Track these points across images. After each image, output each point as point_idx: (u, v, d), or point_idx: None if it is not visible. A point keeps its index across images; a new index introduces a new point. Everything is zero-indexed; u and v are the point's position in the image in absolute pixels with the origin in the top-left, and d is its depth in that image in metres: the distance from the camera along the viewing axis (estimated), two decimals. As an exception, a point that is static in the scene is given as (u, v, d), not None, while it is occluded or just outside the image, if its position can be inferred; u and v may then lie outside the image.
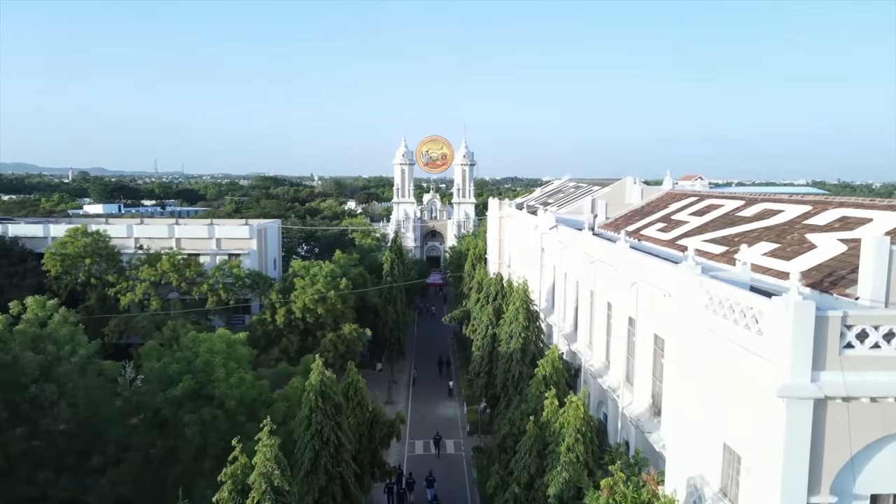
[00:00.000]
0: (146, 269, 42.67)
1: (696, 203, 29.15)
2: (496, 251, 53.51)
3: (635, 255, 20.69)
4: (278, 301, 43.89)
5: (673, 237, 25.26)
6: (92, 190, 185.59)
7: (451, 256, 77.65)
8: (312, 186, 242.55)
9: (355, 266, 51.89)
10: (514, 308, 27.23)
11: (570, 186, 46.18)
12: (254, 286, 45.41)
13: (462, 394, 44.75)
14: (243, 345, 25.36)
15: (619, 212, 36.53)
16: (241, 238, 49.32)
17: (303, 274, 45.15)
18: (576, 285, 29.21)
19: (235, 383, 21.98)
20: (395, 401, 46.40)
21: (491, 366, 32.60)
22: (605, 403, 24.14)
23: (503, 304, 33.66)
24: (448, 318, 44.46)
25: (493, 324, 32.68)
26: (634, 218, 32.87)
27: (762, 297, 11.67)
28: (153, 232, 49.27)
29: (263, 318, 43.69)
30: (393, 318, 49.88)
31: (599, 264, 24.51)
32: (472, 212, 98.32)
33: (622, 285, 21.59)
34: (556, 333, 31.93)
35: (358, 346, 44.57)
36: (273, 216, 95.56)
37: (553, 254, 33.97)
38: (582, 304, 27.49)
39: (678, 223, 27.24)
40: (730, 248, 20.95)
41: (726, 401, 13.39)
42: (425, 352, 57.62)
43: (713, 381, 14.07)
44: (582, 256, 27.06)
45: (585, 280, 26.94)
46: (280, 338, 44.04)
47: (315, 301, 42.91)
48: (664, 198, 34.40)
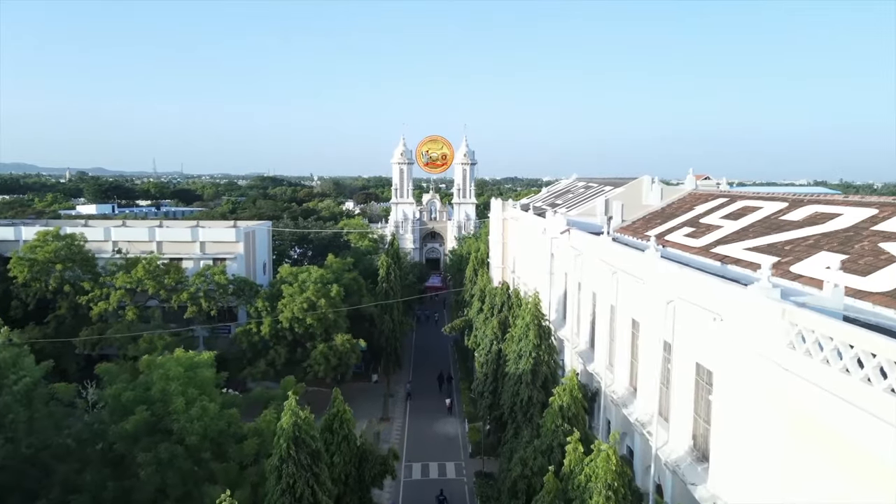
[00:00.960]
0: (121, 275, 39.42)
1: (728, 205, 25.90)
2: (499, 255, 50.20)
3: (671, 267, 17.43)
4: (264, 309, 40.66)
5: (705, 244, 22.00)
6: (86, 190, 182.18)
7: (452, 260, 74.26)
8: (311, 187, 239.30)
9: (349, 271, 48.62)
10: (524, 324, 23.99)
11: (580, 186, 42.90)
12: (239, 293, 42.17)
13: (463, 409, 41.50)
14: (209, 366, 22.01)
15: (635, 214, 33.28)
16: (227, 241, 46.07)
17: (291, 280, 41.91)
18: (592, 297, 25.95)
19: (197, 415, 18.69)
20: (391, 416, 43.17)
21: (496, 385, 29.33)
22: (629, 437, 20.88)
23: (509, 316, 30.39)
24: (448, 328, 41.19)
25: (498, 338, 29.42)
26: (655, 221, 29.62)
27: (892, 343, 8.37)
28: (133, 235, 46.02)
29: (249, 329, 40.45)
30: (389, 328, 46.62)
31: (623, 275, 21.25)
32: (472, 212, 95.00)
33: (654, 302, 18.34)
34: (568, 350, 28.69)
35: (351, 359, 41.36)
36: (268, 217, 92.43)
37: (564, 260, 30.72)
38: (601, 320, 24.24)
39: (709, 228, 23.99)
40: (781, 259, 17.70)
41: (811, 461, 10.17)
42: (424, 362, 54.30)
43: (791, 434, 10.84)
44: (600, 265, 23.79)
45: (605, 292, 23.68)
46: (267, 350, 40.83)
47: (304, 310, 39.68)
48: (687, 199, 31.16)
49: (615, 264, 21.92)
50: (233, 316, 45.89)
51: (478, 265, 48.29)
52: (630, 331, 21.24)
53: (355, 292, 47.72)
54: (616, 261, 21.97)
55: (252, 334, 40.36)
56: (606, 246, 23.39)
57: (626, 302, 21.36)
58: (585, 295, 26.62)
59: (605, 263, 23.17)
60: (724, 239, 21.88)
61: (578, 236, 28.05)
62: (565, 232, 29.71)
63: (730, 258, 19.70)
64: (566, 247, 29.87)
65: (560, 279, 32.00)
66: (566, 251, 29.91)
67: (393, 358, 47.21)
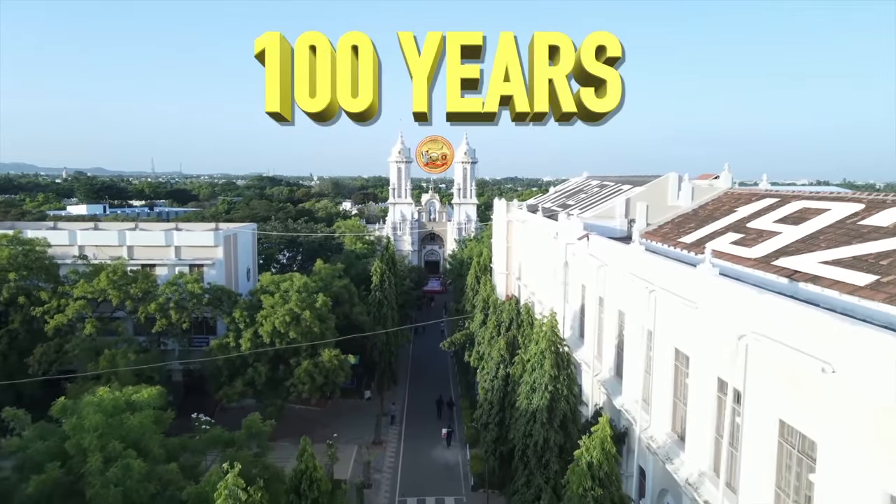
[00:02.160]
0: (81, 284, 35.25)
1: (780, 206, 21.72)
2: (503, 261, 45.99)
3: (742, 290, 13.24)
4: (243, 321, 36.46)
5: (763, 255, 17.84)
6: (77, 190, 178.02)
7: (452, 265, 69.93)
8: (309, 187, 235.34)
9: (340, 277, 44.45)
10: (538, 350, 19.84)
11: (594, 185, 38.73)
12: (215, 303, 37.99)
13: (464, 432, 37.29)
14: (152, 406, 17.77)
15: (661, 216, 29.14)
16: (205, 246, 41.89)
17: (272, 290, 37.74)
18: (619, 317, 21.80)
19: (115, 477, 14.42)
20: (384, 440, 38.98)
21: (502, 415, 25.21)
22: (673, 497, 16.72)
23: (518, 335, 26.24)
24: (448, 343, 36.95)
25: (505, 361, 25.26)
26: (688, 225, 25.46)
27: None
28: (101, 239, 41.84)
29: (225, 343, 36.26)
30: (383, 340, 42.42)
31: (664, 295, 17.09)
32: (473, 213, 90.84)
33: (712, 334, 14.21)
34: (587, 376, 24.50)
35: (339, 377, 37.14)
36: (261, 218, 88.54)
37: (582, 270, 26.57)
38: (632, 346, 20.08)
39: (761, 234, 19.82)
40: (881, 279, 13.57)
41: None
42: (422, 377, 50.10)
43: None
44: (630, 280, 19.63)
45: (637, 313, 19.53)
46: (246, 367, 36.67)
47: (286, 323, 35.49)
48: (724, 199, 26.99)
49: (653, 280, 17.75)
50: (212, 329, 41.74)
51: (480, 272, 44.12)
52: (673, 364, 17.09)
53: (346, 301, 43.56)
54: (654, 276, 17.80)
55: (229, 349, 36.19)
56: (639, 257, 19.22)
57: (669, 328, 17.20)
58: (610, 313, 22.45)
59: (637, 278, 19.01)
60: (788, 249, 17.72)
61: (600, 244, 23.89)
62: (583, 238, 25.55)
63: (802, 274, 15.53)
64: (584, 255, 25.71)
65: (576, 291, 27.83)
66: (584, 260, 25.76)
67: (387, 373, 43.02)
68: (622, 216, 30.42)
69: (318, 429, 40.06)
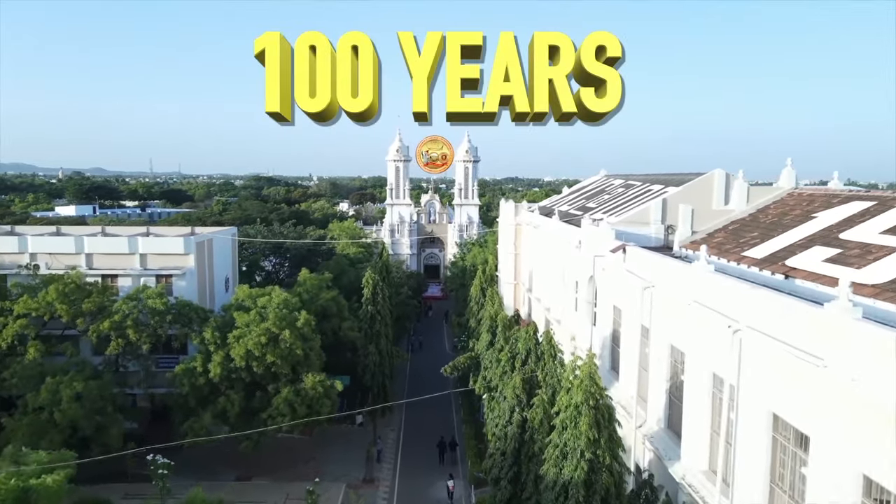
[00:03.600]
0: (24, 299, 30.36)
1: (881, 211, 16.81)
2: (511, 270, 41.12)
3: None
4: (213, 342, 31.53)
5: (888, 282, 12.96)
6: (67, 190, 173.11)
7: (453, 273, 64.86)
8: (307, 187, 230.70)
9: (328, 288, 39.48)
10: (571, 404, 14.93)
11: (617, 185, 33.79)
12: (182, 321, 33.06)
13: (469, 469, 32.31)
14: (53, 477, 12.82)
15: (707, 223, 24.26)
16: (174, 254, 36.95)
17: (249, 305, 32.83)
18: (674, 355, 16.86)
19: None
20: (376, 477, 34.06)
21: (518, 469, 20.26)
22: None
23: (538, 371, 21.30)
24: (449, 368, 31.95)
25: (521, 403, 20.31)
26: (748, 235, 20.52)
27: None
28: (55, 246, 36.88)
29: (192, 368, 31.31)
30: (376, 361, 37.46)
31: (758, 340, 12.13)
32: (476, 215, 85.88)
33: (849, 407, 9.27)
34: (625, 425, 19.49)
35: (324, 406, 32.15)
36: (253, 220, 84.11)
37: (615, 289, 21.66)
38: (697, 398, 15.11)
39: (868, 250, 14.90)
40: None
41: None
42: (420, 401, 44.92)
43: None
44: (696, 312, 14.68)
45: (708, 358, 14.56)
46: (216, 395, 31.76)
47: (262, 345, 30.58)
48: (790, 201, 22.06)
49: (737, 317, 12.80)
50: (182, 347, 36.75)
51: (486, 283, 39.16)
52: (771, 436, 12.15)
53: (335, 315, 38.60)
54: (739, 311, 12.84)
55: (196, 375, 31.26)
56: (711, 281, 14.27)
57: (765, 385, 12.24)
58: (660, 349, 17.49)
59: (708, 310, 14.06)
60: (922, 272, 12.83)
61: (643, 258, 18.95)
62: (618, 250, 20.61)
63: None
64: (618, 271, 20.76)
65: (606, 314, 22.88)
66: (618, 277, 20.82)
67: (381, 398, 38.05)
68: (658, 221, 25.48)
69: (300, 464, 35.13)
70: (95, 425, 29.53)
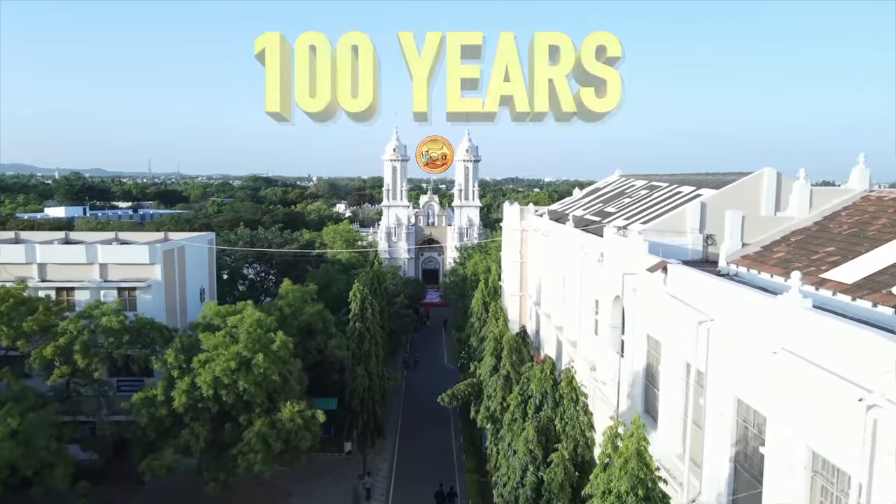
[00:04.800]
0: (-46, 319, 26.32)
1: None
2: (516, 280, 36.96)
3: None
4: (176, 367, 27.44)
5: None
6: (56, 191, 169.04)
7: (452, 281, 60.63)
8: (305, 187, 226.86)
9: (313, 301, 35.39)
10: (612, 493, 10.80)
11: (639, 187, 29.66)
12: (142, 341, 28.99)
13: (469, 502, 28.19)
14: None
15: (756, 233, 20.15)
16: (138, 264, 32.82)
17: (218, 324, 28.76)
18: (744, 413, 12.72)
19: None
20: (365, 518, 30.02)
21: (531, 541, 16.14)
22: None
23: (555, 416, 17.16)
24: (448, 396, 27.80)
25: (536, 461, 16.19)
26: (821, 250, 16.36)
27: None
28: (5, 256, 32.73)
29: (152, 397, 27.24)
30: (365, 385, 33.32)
31: None
32: (476, 217, 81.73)
33: None
34: (671, 495, 15.30)
35: (304, 439, 28.06)
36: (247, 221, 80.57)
37: (651, 316, 17.54)
38: (782, 474, 10.95)
39: None
40: None
41: None
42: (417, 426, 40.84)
43: None
44: (782, 362, 10.55)
45: (807, 428, 10.40)
46: (180, 427, 27.70)
47: (233, 371, 26.51)
48: (866, 207, 17.91)
49: (865, 381, 8.68)
50: (148, 371, 32.57)
51: (488, 297, 35.01)
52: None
53: (320, 331, 34.54)
54: (865, 373, 8.72)
55: (157, 404, 27.18)
56: (811, 323, 10.13)
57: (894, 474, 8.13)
58: (722, 402, 13.32)
59: (805, 363, 9.94)
60: None
61: (691, 281, 14.81)
62: (657, 269, 16.47)
63: None
64: (656, 293, 16.63)
65: (638, 345, 18.72)
66: (656, 301, 16.69)
67: (371, 425, 33.92)
68: (695, 230, 21.37)
69: (278, 501, 31.11)
70: (38, 464, 25.53)
